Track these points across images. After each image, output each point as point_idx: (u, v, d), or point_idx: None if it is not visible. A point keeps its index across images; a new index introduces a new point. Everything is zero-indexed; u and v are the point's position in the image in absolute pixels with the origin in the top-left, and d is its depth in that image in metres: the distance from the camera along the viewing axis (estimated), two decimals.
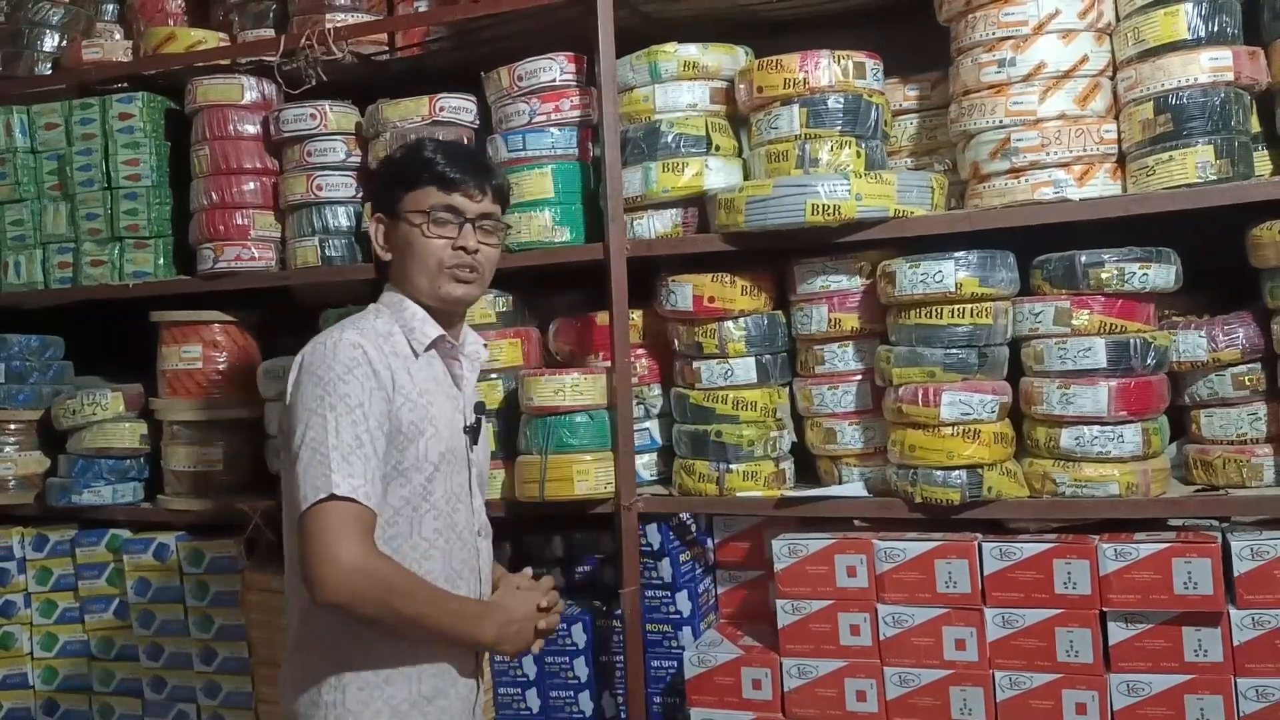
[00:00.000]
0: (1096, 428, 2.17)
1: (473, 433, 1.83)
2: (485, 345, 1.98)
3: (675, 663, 2.44)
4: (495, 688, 2.57)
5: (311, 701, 1.69)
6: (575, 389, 2.44)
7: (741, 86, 2.47)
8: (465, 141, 2.66)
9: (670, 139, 2.46)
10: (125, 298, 2.93)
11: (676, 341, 2.51)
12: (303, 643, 1.73)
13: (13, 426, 3.00)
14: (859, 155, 2.35)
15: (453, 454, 1.77)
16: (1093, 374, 2.16)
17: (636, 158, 2.48)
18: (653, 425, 2.57)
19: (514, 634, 1.74)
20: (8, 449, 2.99)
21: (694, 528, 2.59)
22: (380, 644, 1.69)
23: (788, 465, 2.49)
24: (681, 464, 2.47)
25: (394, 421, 1.69)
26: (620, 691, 2.51)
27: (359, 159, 2.79)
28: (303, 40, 2.70)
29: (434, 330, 1.79)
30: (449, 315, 1.82)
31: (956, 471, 2.20)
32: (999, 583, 2.16)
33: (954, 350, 2.22)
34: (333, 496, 1.57)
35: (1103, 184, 2.24)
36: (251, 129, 2.85)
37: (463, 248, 1.76)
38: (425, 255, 1.76)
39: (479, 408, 1.87)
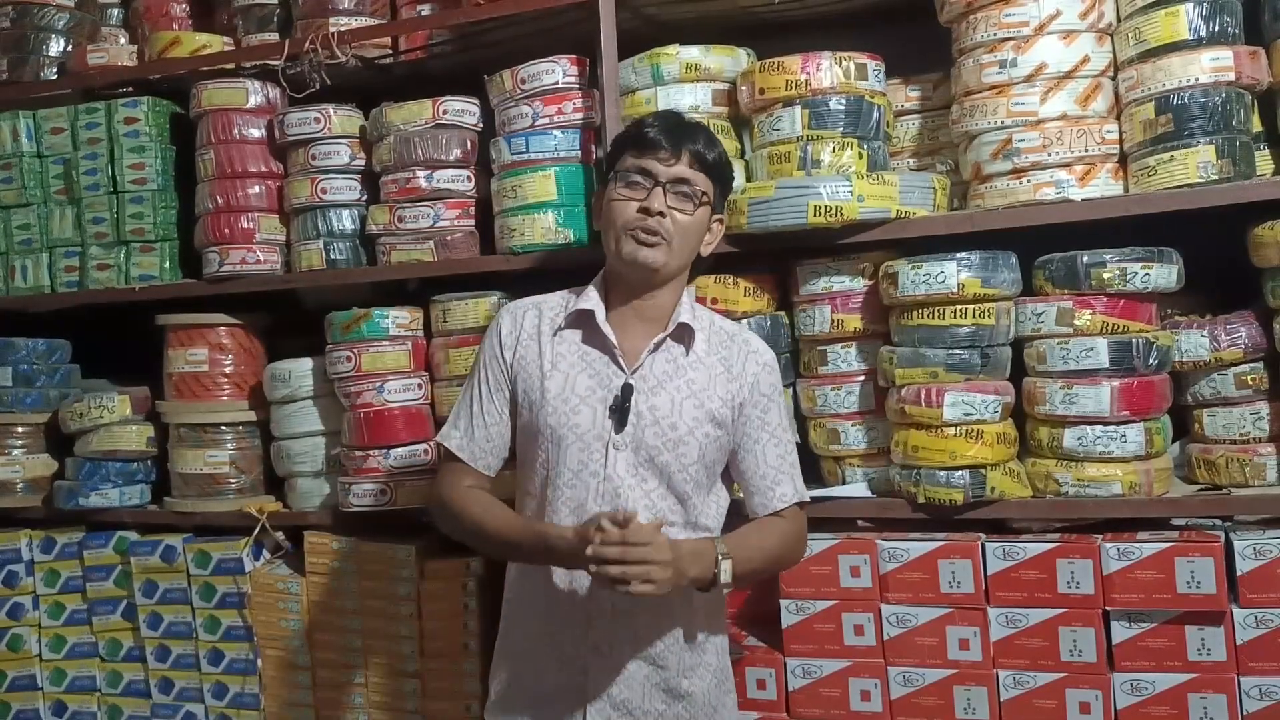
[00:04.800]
0: (1099, 427, 2.17)
1: (617, 414, 1.78)
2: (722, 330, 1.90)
3: None
4: None
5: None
6: None
7: (743, 88, 2.48)
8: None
9: None
10: (131, 301, 2.94)
11: None
12: None
13: (20, 430, 3.01)
14: (861, 156, 2.35)
15: (572, 431, 1.79)
16: (1095, 374, 2.17)
17: None
18: None
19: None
20: (15, 452, 3.00)
21: None
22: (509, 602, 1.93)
23: None
24: None
25: (513, 387, 1.87)
26: None
27: (363, 162, 2.79)
28: (307, 44, 2.71)
29: (582, 304, 1.84)
30: (638, 285, 1.82)
31: (959, 472, 2.21)
32: (1002, 582, 2.17)
33: (956, 351, 2.22)
34: (441, 445, 1.92)
35: (1104, 184, 2.24)
36: (256, 133, 2.86)
37: (645, 209, 1.76)
38: (612, 216, 1.80)
39: (625, 390, 1.79)
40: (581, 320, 1.86)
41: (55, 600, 2.97)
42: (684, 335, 1.84)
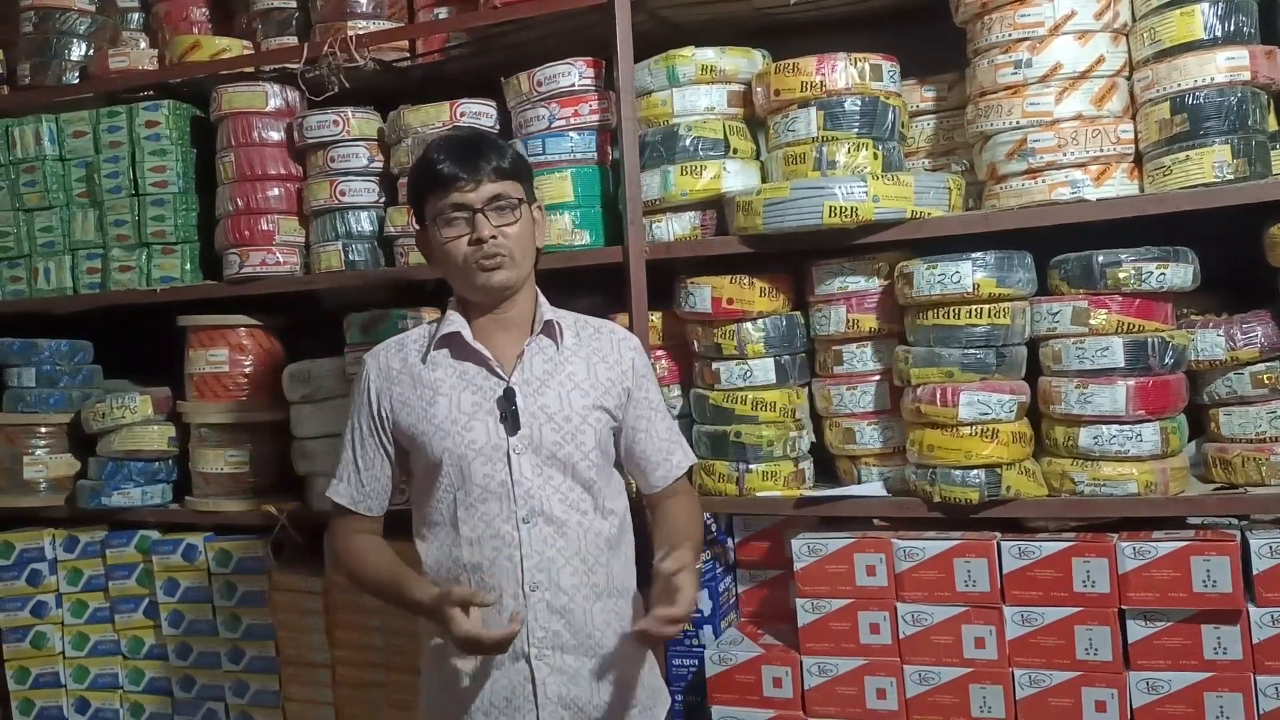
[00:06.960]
0: (1115, 427, 2.18)
1: (508, 421, 1.80)
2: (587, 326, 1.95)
3: (696, 661, 2.46)
4: None
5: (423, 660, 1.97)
6: None
7: (759, 89, 2.49)
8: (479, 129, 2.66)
9: (688, 142, 2.48)
10: (152, 302, 2.97)
11: (695, 343, 2.53)
12: None
13: (43, 430, 3.05)
14: (876, 157, 2.36)
15: (470, 448, 1.81)
16: (1111, 373, 2.17)
17: (655, 161, 2.50)
18: None
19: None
20: (39, 452, 3.04)
21: (714, 527, 2.60)
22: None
23: (807, 465, 2.51)
24: (701, 465, 2.48)
25: (396, 426, 1.88)
26: None
27: (381, 165, 2.82)
28: (325, 48, 2.73)
29: (447, 328, 1.87)
30: (495, 302, 1.86)
31: (975, 471, 2.21)
32: (1018, 581, 2.18)
33: (972, 350, 2.23)
34: (333, 502, 1.95)
35: (1120, 184, 2.24)
36: (275, 136, 2.89)
37: (478, 239, 1.80)
38: (450, 257, 1.84)
39: (508, 394, 1.82)
40: (450, 342, 1.88)
41: (78, 598, 3.01)
42: (552, 331, 1.89)
